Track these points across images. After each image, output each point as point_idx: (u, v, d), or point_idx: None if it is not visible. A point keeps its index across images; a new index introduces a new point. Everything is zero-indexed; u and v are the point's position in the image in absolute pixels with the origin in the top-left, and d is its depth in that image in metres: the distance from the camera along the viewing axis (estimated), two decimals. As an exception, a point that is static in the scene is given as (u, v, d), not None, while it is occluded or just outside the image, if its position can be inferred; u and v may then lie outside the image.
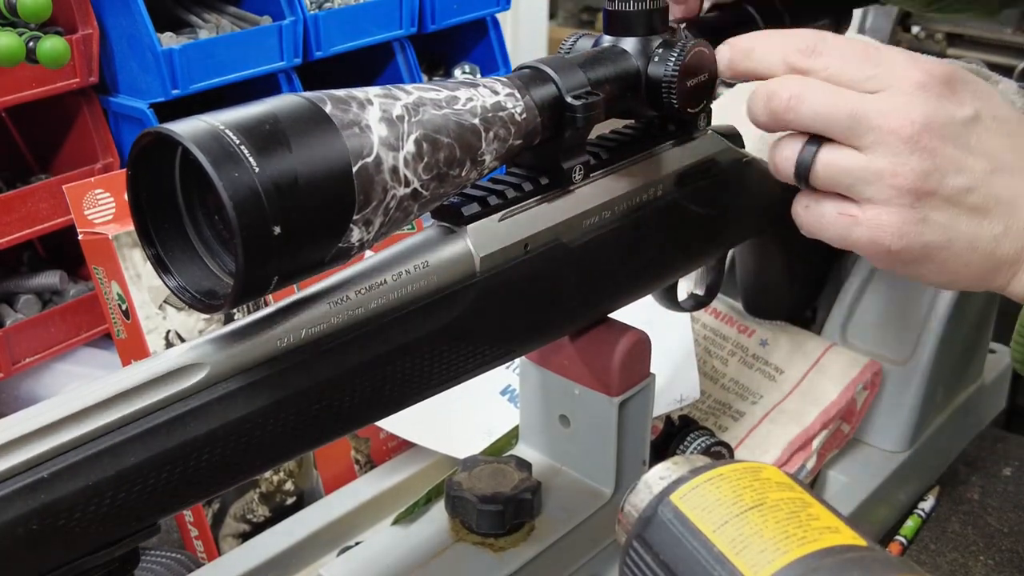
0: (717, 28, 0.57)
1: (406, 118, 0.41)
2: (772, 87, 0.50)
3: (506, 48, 1.16)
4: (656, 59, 0.53)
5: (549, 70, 0.48)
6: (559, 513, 0.59)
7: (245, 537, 0.71)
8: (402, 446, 0.78)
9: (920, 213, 0.48)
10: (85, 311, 0.89)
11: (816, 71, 0.50)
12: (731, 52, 0.52)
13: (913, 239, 0.49)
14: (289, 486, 0.74)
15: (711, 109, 0.58)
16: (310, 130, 0.38)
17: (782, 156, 0.51)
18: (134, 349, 0.69)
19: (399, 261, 0.45)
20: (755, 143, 0.76)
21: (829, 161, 0.49)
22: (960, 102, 0.48)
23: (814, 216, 0.52)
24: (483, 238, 0.48)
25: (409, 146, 0.41)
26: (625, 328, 0.57)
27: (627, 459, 0.60)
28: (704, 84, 0.54)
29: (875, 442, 0.78)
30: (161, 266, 0.40)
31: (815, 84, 0.49)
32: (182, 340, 0.70)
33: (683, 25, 0.56)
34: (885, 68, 0.48)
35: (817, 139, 0.50)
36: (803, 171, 0.50)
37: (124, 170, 0.39)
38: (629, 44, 0.53)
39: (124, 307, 0.68)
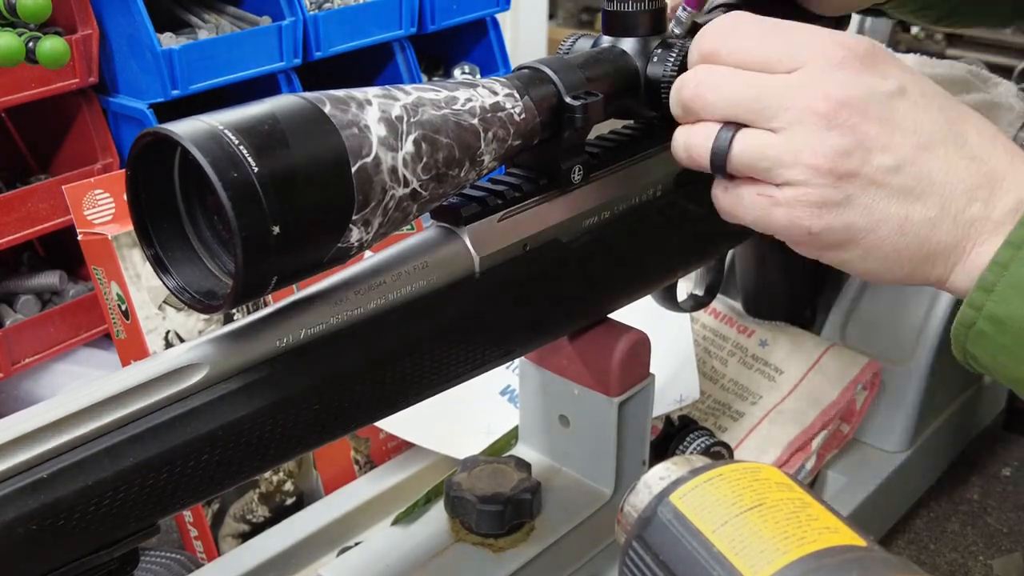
0: None
1: (405, 118, 0.41)
2: (681, 78, 0.48)
3: (506, 48, 1.16)
4: (655, 59, 0.53)
5: (548, 70, 0.48)
6: (559, 513, 0.59)
7: (245, 537, 0.71)
8: (402, 446, 0.78)
9: (842, 193, 0.45)
10: (85, 311, 0.89)
11: (724, 57, 0.47)
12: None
13: (834, 220, 0.45)
14: (289, 486, 0.74)
15: (710, 109, 0.58)
16: (309, 130, 0.38)
17: (695, 144, 0.48)
18: (134, 349, 0.69)
19: (398, 261, 0.45)
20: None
21: (744, 147, 0.46)
22: (883, 75, 0.45)
23: (732, 199, 0.48)
24: (482, 238, 0.48)
25: (408, 146, 0.41)
26: (625, 328, 0.57)
27: (627, 459, 0.60)
28: (703, 84, 0.54)
29: (875, 442, 0.78)
30: (160, 266, 0.40)
31: (722, 70, 0.47)
32: (182, 340, 0.70)
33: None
34: (799, 46, 0.46)
35: (732, 126, 0.47)
36: (719, 160, 0.47)
37: (124, 170, 0.39)
38: (628, 44, 0.53)
39: (124, 307, 0.68)
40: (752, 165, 0.46)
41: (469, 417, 0.74)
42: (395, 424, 0.71)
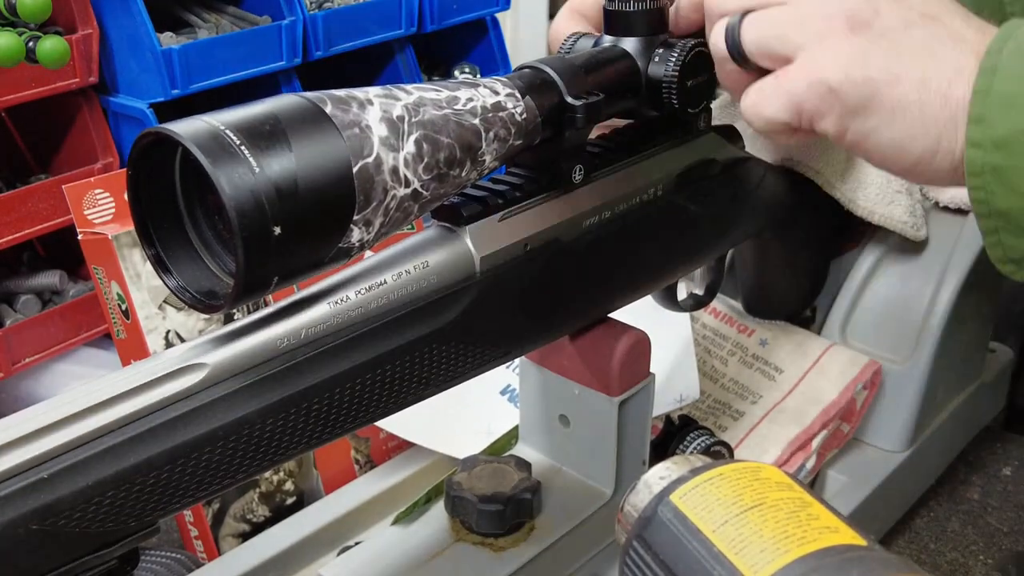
0: None
1: (406, 118, 0.41)
2: None
3: (506, 48, 1.16)
4: (656, 59, 0.53)
5: (549, 70, 0.48)
6: (559, 513, 0.59)
7: (245, 537, 0.71)
8: (402, 446, 0.78)
9: (855, 46, 0.46)
10: (85, 311, 0.89)
11: None
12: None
13: (855, 71, 0.46)
14: (289, 486, 0.74)
15: (711, 109, 0.58)
16: (310, 130, 0.38)
17: (715, 36, 0.50)
18: (134, 349, 0.69)
19: (399, 261, 0.45)
20: (755, 143, 0.76)
21: (754, 18, 0.48)
22: None
23: (755, 95, 0.49)
24: (483, 238, 0.48)
25: (409, 146, 0.41)
26: (625, 328, 0.57)
27: (627, 459, 0.60)
28: (704, 84, 0.54)
29: (875, 442, 0.78)
30: (161, 266, 0.40)
31: None
32: (182, 340, 0.70)
33: None
34: None
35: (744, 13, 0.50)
36: (734, 39, 0.49)
37: (124, 170, 0.39)
38: (629, 44, 0.53)
39: (124, 307, 0.68)
40: (764, 36, 0.48)
41: (469, 417, 0.74)
42: (395, 424, 0.71)
